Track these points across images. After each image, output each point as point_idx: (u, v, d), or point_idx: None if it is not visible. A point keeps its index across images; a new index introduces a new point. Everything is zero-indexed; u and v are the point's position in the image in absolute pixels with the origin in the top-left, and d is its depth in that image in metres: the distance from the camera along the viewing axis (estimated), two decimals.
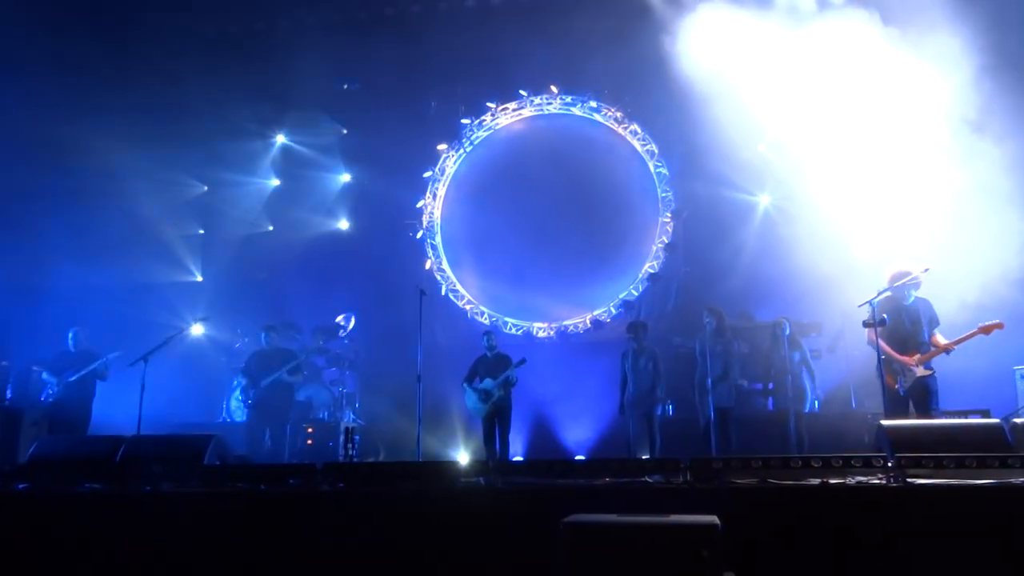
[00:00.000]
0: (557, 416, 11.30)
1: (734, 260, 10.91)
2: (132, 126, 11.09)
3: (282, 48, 12.00)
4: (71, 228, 10.93)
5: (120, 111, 10.84)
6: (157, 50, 11.24)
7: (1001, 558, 3.82)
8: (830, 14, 10.28)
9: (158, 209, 12.19)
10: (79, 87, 10.52)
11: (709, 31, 10.81)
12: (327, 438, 10.16)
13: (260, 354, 9.91)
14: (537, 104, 12.77)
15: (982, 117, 9.27)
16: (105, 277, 11.07)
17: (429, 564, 4.35)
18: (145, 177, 11.69)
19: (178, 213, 12.73)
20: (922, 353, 7.21)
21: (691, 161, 11.58)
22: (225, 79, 11.67)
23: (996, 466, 4.33)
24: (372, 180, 12.94)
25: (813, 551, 4.00)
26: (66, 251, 10.76)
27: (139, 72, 11.15)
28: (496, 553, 4.27)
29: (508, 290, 12.36)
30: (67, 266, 10.71)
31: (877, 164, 10.10)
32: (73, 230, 10.91)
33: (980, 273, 8.85)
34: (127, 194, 11.45)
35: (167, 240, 12.54)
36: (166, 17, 11.06)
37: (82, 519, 4.81)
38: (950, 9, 9.41)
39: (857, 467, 4.51)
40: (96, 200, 11.26)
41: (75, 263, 10.71)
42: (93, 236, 11.06)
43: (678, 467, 4.65)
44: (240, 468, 5.65)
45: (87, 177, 11.14)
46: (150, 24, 11.03)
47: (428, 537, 4.40)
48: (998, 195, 9.21)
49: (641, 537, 3.49)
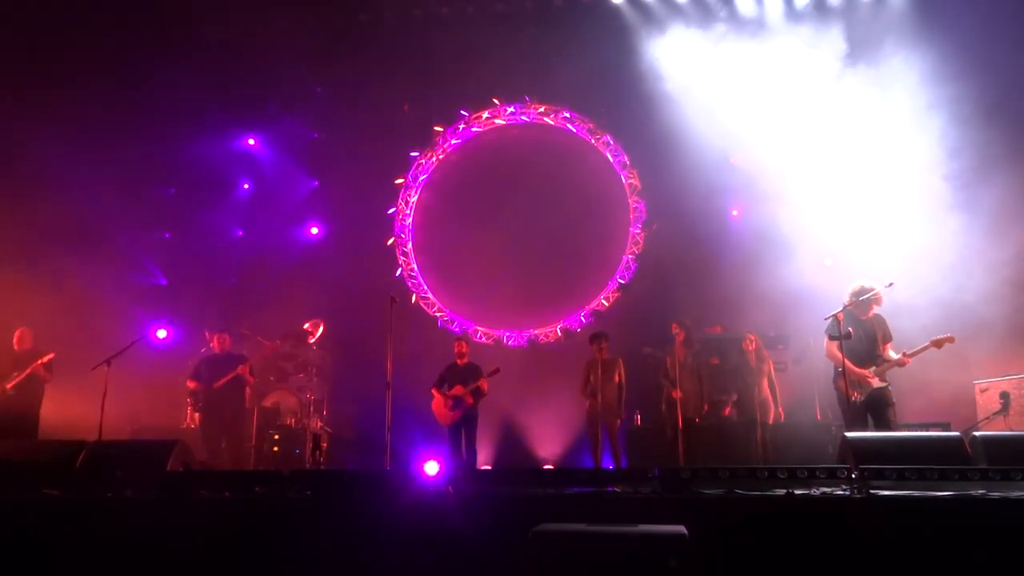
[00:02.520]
0: (526, 425, 11.31)
1: (704, 272, 11.02)
2: (96, 123, 10.90)
3: (254, 51, 11.90)
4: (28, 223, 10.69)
5: (83, 106, 10.65)
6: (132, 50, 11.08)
7: (961, 569, 3.90)
8: (801, 29, 10.54)
9: (121, 211, 11.95)
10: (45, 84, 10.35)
11: (683, 44, 10.99)
12: (294, 445, 10.04)
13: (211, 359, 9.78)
14: (510, 113, 12.81)
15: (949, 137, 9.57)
16: (63, 276, 10.80)
17: (396, 573, 4.31)
18: (111, 177, 11.47)
19: (144, 216, 12.49)
20: (877, 366, 7.37)
21: (663, 173, 11.69)
22: (195, 80, 11.53)
23: (956, 478, 4.43)
24: (343, 186, 12.86)
25: (779, 561, 4.05)
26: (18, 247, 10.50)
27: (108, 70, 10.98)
28: (464, 563, 4.25)
29: (479, 298, 12.35)
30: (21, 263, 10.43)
31: (847, 180, 10.34)
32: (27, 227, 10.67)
33: (941, 289, 9.06)
34: (90, 193, 11.20)
35: (131, 243, 12.29)
36: (142, 18, 10.92)
37: (40, 526, 4.69)
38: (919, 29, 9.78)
39: (822, 478, 4.60)
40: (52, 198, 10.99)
41: (28, 260, 10.44)
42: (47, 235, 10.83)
43: (646, 477, 4.68)
44: (205, 475, 5.56)
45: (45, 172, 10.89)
46: (129, 26, 10.88)
47: (396, 545, 4.37)
48: (962, 213, 9.48)
49: (610, 546, 3.50)
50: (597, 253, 12.24)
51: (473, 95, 12.79)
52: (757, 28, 11.01)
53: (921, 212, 9.74)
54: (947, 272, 9.20)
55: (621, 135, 12.33)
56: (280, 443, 10.02)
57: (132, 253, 12.36)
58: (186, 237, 12.79)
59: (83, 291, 10.90)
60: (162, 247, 12.81)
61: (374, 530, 4.44)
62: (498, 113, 12.85)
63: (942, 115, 9.62)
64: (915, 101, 9.70)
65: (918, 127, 9.73)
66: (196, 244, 12.73)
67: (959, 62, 9.71)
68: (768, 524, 4.16)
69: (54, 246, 10.85)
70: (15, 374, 8.98)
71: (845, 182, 10.36)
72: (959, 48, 9.77)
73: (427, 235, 12.95)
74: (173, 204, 12.88)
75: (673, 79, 11.06)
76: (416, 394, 10.30)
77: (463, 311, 12.50)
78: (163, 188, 12.84)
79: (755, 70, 10.65)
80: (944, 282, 9.08)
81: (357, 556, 4.37)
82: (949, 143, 9.61)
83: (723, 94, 10.73)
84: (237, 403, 9.68)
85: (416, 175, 13.02)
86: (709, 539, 3.87)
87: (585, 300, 12.14)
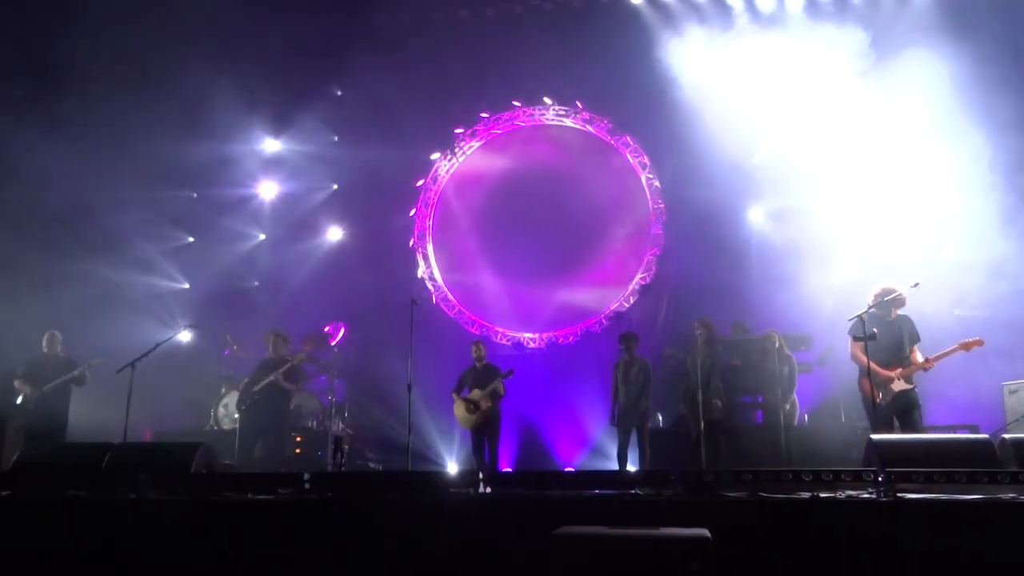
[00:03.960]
0: (547, 427, 11.28)
1: (726, 272, 10.93)
2: (118, 127, 11.03)
3: (274, 55, 12.00)
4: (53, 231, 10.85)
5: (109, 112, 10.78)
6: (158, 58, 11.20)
7: (990, 573, 3.82)
8: (823, 28, 10.42)
9: (146, 216, 12.11)
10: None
11: (703, 44, 10.91)
12: (316, 447, 10.09)
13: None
14: (529, 115, 12.81)
15: (972, 134, 9.40)
16: (88, 282, 10.95)
17: (417, 575, 4.31)
18: (133, 183, 11.61)
19: (166, 220, 12.63)
20: (903, 368, 7.27)
21: (683, 173, 11.62)
22: (216, 84, 11.63)
23: (985, 481, 4.35)
24: (364, 188, 12.92)
25: (804, 565, 4.00)
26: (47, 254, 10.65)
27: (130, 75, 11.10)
28: (485, 565, 4.24)
29: (498, 300, 12.35)
30: (49, 268, 10.59)
31: (869, 179, 10.21)
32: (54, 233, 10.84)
33: (967, 289, 8.94)
34: (113, 199, 11.36)
35: (154, 247, 12.43)
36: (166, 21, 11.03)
37: (66, 527, 4.75)
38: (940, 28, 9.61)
39: (847, 481, 4.53)
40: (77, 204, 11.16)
41: (55, 266, 10.60)
42: (74, 241, 10.98)
43: (668, 480, 4.64)
44: (227, 477, 5.60)
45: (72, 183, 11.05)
46: (150, 32, 10.99)
47: (416, 548, 4.37)
48: (988, 212, 9.33)
49: (631, 550, 3.47)
50: (618, 254, 12.19)
51: (492, 97, 12.81)
52: (778, 27, 10.91)
53: (952, 209, 9.61)
54: (977, 272, 9.07)
55: (641, 135, 12.27)
56: (302, 445, 10.06)
57: (155, 257, 12.50)
58: (208, 241, 12.91)
59: (108, 294, 11.08)
60: (185, 251, 12.94)
61: (395, 532, 4.44)
62: (517, 115, 12.85)
63: (975, 117, 9.45)
64: (943, 101, 9.52)
65: (948, 128, 9.55)
66: (218, 248, 12.84)
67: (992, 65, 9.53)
68: (792, 528, 4.10)
69: (79, 250, 11.02)
70: (52, 377, 9.10)
71: (870, 181, 10.23)
72: (992, 48, 9.59)
73: (447, 237, 12.98)
74: (196, 208, 13.01)
75: (693, 79, 10.98)
76: (437, 396, 10.32)
77: (483, 313, 12.50)
78: (185, 192, 12.97)
79: (776, 69, 10.54)
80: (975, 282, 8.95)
81: (378, 558, 4.37)
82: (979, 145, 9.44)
83: (744, 93, 10.64)
84: (275, 408, 9.25)
85: (436, 177, 13.05)
86: (732, 542, 3.82)
87: (605, 302, 12.09)
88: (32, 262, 10.37)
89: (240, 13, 11.32)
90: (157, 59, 11.10)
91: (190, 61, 11.24)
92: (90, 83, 10.47)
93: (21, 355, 9.59)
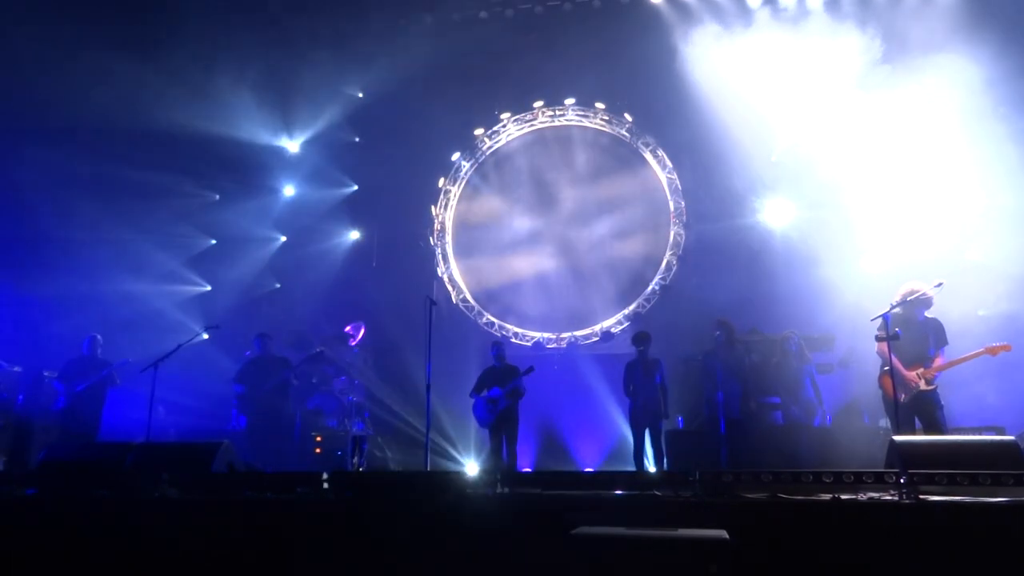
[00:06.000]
0: (566, 427, 11.25)
1: (745, 273, 10.85)
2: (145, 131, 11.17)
3: (295, 55, 12.08)
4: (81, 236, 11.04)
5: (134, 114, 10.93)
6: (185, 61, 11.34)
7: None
8: (843, 26, 10.30)
9: (168, 219, 12.25)
10: None
11: (723, 43, 10.84)
12: (336, 447, 10.15)
13: (256, 361, 9.90)
14: (550, 115, 12.79)
15: (999, 133, 9.26)
16: (114, 284, 11.13)
17: (435, 573, 4.32)
18: (157, 186, 11.76)
19: (189, 223, 12.76)
20: (925, 367, 7.18)
21: (703, 172, 11.56)
22: (236, 85, 11.74)
23: (1011, 484, 4.26)
24: (383, 189, 12.97)
25: (824, 568, 3.96)
26: (76, 259, 10.84)
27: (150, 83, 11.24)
28: (503, 565, 4.24)
29: (518, 300, 12.35)
30: (76, 274, 10.80)
31: (892, 178, 10.08)
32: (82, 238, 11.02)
33: (993, 289, 8.80)
34: (138, 202, 11.51)
35: (176, 249, 12.57)
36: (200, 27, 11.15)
37: (90, 525, 4.81)
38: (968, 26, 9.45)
39: (869, 483, 4.46)
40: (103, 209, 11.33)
41: (83, 272, 10.80)
42: (99, 245, 11.15)
43: (687, 480, 4.61)
44: (247, 476, 5.64)
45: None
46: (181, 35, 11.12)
47: (436, 547, 4.38)
48: (1014, 212, 9.18)
49: (649, 551, 3.46)
50: (638, 253, 12.14)
51: (512, 98, 12.81)
52: (799, 25, 10.81)
53: (976, 209, 9.47)
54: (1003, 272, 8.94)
55: (661, 135, 12.21)
56: (322, 445, 10.13)
57: (179, 260, 12.64)
58: (229, 242, 13.02)
59: (131, 296, 11.24)
60: (207, 252, 13.06)
61: (414, 531, 4.45)
62: (537, 115, 12.84)
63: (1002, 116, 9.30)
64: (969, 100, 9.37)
65: (974, 127, 9.40)
66: (239, 250, 12.94)
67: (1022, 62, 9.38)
68: (813, 529, 4.06)
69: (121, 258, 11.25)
70: (86, 378, 9.32)
71: (894, 181, 10.10)
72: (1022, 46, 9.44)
73: (466, 237, 13.00)
74: (217, 210, 13.13)
75: (714, 78, 10.91)
76: (456, 395, 10.34)
77: (502, 313, 12.50)
78: (207, 195, 13.09)
79: (797, 68, 10.45)
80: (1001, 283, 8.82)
81: (397, 557, 4.39)
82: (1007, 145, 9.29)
83: (764, 92, 10.55)
84: (282, 406, 9.80)
85: (455, 178, 13.07)
86: (751, 544, 3.79)
87: (625, 302, 12.05)
88: None
89: (261, 16, 11.44)
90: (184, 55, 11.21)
91: (215, 61, 11.37)
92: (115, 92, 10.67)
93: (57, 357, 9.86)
